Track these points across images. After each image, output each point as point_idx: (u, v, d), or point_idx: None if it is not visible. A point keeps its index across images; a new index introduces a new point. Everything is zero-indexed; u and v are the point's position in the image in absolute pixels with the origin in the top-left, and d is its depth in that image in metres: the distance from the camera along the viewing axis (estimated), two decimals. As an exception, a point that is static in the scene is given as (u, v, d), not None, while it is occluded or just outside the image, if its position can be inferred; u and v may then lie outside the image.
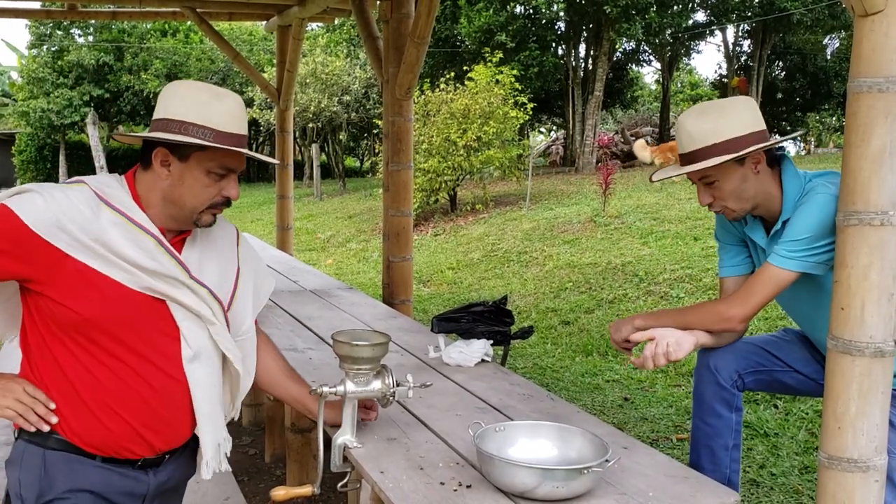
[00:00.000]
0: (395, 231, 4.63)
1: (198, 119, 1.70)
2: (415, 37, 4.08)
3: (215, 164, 1.73)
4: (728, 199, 2.16)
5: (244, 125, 1.77)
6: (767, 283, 2.11)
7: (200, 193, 1.74)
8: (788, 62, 24.02)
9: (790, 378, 2.42)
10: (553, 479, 1.70)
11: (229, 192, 1.78)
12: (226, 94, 1.77)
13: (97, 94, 24.93)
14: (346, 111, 20.80)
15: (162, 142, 1.70)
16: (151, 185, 1.74)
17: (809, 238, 2.02)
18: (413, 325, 3.64)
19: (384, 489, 1.81)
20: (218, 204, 1.78)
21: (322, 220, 15.77)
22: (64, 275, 1.62)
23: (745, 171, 2.12)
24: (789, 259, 2.05)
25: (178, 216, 1.76)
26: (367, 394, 2.01)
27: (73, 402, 1.69)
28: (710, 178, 2.14)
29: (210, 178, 1.74)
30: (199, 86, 1.77)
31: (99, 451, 1.72)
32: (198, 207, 1.75)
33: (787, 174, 2.17)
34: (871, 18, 1.66)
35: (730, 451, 2.37)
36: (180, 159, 1.72)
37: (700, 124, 2.12)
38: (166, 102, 1.74)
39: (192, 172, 1.72)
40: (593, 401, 4.65)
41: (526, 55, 18.63)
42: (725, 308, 2.19)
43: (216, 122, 1.71)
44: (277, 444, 3.85)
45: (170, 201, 1.74)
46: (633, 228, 9.57)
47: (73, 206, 1.62)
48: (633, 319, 2.37)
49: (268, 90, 6.62)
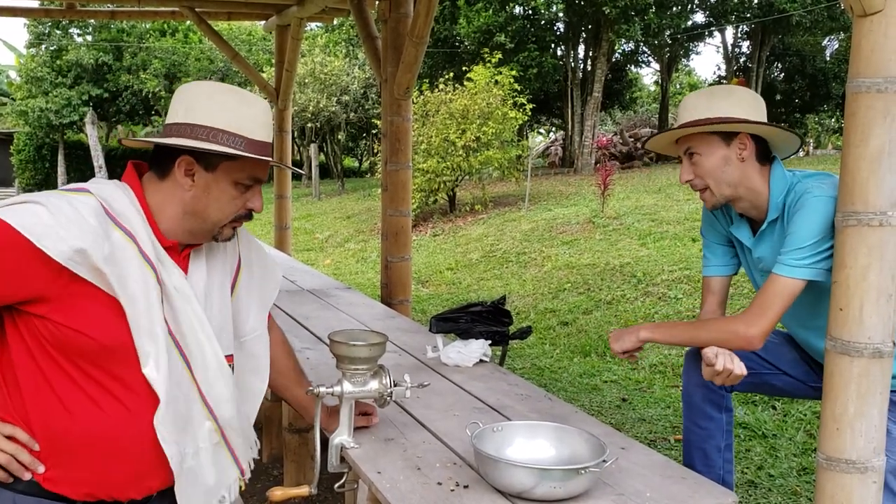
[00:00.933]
0: (393, 231, 4.62)
1: (228, 126, 1.58)
2: (413, 36, 4.08)
3: (245, 174, 1.62)
4: (708, 178, 2.14)
5: (271, 132, 1.68)
6: (780, 295, 2.04)
7: (227, 206, 1.63)
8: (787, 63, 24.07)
9: (778, 380, 2.41)
10: (550, 479, 1.70)
11: (254, 203, 1.67)
12: (254, 98, 1.66)
13: (96, 93, 24.93)
14: (344, 111, 20.81)
15: (185, 149, 1.58)
16: (169, 197, 1.61)
17: (814, 244, 1.98)
18: (411, 325, 3.64)
19: (381, 489, 1.80)
20: (241, 217, 1.68)
21: (320, 220, 15.76)
22: (72, 295, 1.47)
23: (730, 153, 2.12)
24: (798, 268, 2.01)
25: (197, 230, 1.64)
26: (365, 394, 2.00)
27: (62, 437, 1.51)
28: (694, 150, 2.15)
29: (237, 190, 1.63)
30: (225, 88, 1.65)
31: (81, 496, 1.55)
32: (222, 221, 1.64)
33: (775, 174, 2.16)
34: (870, 18, 1.66)
35: (722, 451, 2.36)
36: (206, 169, 1.59)
37: (701, 99, 2.16)
38: (189, 105, 1.60)
39: (219, 184, 1.61)
40: (591, 401, 4.65)
41: (525, 56, 18.66)
42: (745, 328, 2.08)
43: (247, 129, 1.60)
44: (275, 444, 3.84)
45: (192, 214, 1.61)
46: (631, 229, 9.57)
47: (84, 221, 1.46)
48: (637, 331, 2.28)
49: (266, 90, 6.62)
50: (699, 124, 2.11)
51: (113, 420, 1.53)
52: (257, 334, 1.87)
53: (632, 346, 2.28)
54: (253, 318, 1.86)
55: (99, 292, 1.49)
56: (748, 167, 2.14)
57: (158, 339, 1.55)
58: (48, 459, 1.53)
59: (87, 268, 1.46)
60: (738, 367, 2.06)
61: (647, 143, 2.34)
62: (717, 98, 2.14)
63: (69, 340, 1.48)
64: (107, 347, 1.50)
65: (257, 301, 1.88)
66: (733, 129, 2.11)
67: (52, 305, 1.47)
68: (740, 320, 2.11)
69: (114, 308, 1.51)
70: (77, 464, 1.53)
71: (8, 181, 28.83)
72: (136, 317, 1.52)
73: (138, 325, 1.52)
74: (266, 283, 1.92)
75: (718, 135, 2.12)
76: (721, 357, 2.06)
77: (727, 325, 2.15)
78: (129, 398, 1.55)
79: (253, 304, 1.87)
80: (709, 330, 2.17)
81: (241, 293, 1.83)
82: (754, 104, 2.15)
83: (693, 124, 2.12)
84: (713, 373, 2.08)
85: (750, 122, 2.10)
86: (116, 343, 1.51)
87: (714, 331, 2.15)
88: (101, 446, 1.53)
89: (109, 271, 1.48)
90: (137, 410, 1.55)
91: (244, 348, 1.85)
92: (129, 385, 1.54)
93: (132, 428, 1.55)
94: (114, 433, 1.54)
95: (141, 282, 1.53)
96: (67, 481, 1.54)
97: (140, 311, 1.52)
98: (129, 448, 1.55)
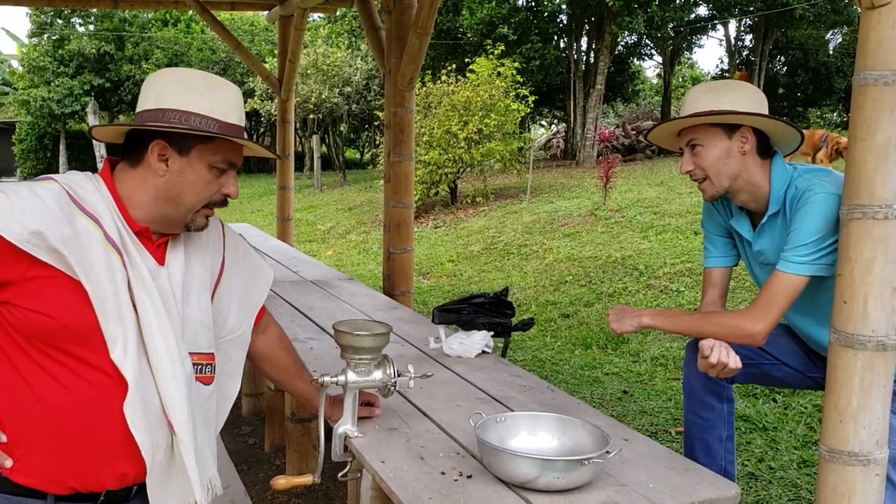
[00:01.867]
0: (395, 222, 4.62)
1: (199, 109, 1.57)
2: (417, 27, 4.07)
3: (219, 157, 1.61)
4: (708, 169, 2.17)
5: (244, 116, 1.67)
6: (784, 292, 2.06)
7: (202, 190, 1.61)
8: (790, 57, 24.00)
9: (778, 371, 2.42)
10: (554, 469, 1.71)
11: (229, 189, 1.65)
12: (224, 83, 1.65)
13: (98, 83, 24.90)
14: (346, 102, 20.77)
15: (158, 132, 1.57)
16: (140, 183, 1.59)
17: (817, 240, 2.01)
18: (413, 316, 3.64)
19: (385, 478, 1.81)
20: (215, 203, 1.66)
21: (322, 212, 15.76)
22: (34, 279, 1.45)
23: (732, 146, 2.15)
24: (801, 265, 2.03)
25: (171, 216, 1.62)
26: (369, 383, 2.00)
27: (33, 427, 1.49)
28: (696, 142, 2.17)
29: (212, 174, 1.61)
30: (196, 73, 1.64)
31: (51, 489, 1.51)
32: (195, 205, 1.62)
33: (775, 168, 2.18)
34: (877, 11, 1.65)
35: (724, 442, 2.37)
36: (180, 152, 1.58)
37: (706, 92, 2.19)
38: (160, 91, 1.60)
39: (193, 167, 1.59)
40: (592, 393, 4.66)
41: (528, 48, 18.62)
42: (750, 324, 2.09)
43: (219, 112, 1.59)
44: (277, 433, 3.85)
45: (165, 199, 1.59)
46: (633, 222, 9.57)
47: (43, 205, 1.45)
48: (640, 316, 2.30)
49: (269, 80, 6.61)
50: (703, 115, 2.13)
51: (81, 402, 1.50)
52: (236, 335, 1.83)
53: (632, 331, 2.31)
54: (232, 320, 1.82)
55: (62, 275, 1.47)
56: (749, 160, 2.16)
57: (126, 323, 1.53)
58: (16, 450, 1.50)
59: (46, 250, 1.44)
60: (732, 361, 2.08)
61: (649, 135, 2.36)
62: (722, 92, 2.17)
63: (34, 324, 1.46)
64: (71, 329, 1.48)
65: (238, 303, 1.84)
66: (737, 122, 2.13)
67: (15, 290, 1.46)
68: (745, 316, 2.12)
69: (78, 292, 1.48)
70: (46, 449, 1.50)
71: (10, 171, 28.82)
72: (102, 300, 1.50)
73: (104, 309, 1.50)
74: (251, 287, 1.88)
75: (721, 127, 2.14)
76: (716, 350, 2.08)
77: (731, 319, 2.16)
78: (99, 382, 1.51)
79: (233, 306, 1.82)
80: (713, 323, 2.18)
81: (223, 294, 1.79)
82: (757, 99, 2.17)
83: (698, 115, 2.14)
84: (707, 365, 2.10)
85: (754, 114, 2.11)
86: (82, 325, 1.49)
87: (718, 324, 2.16)
88: (69, 428, 1.50)
89: (69, 253, 1.46)
90: (107, 395, 1.52)
91: (221, 349, 1.80)
92: (98, 369, 1.51)
93: (102, 411, 1.52)
94: (83, 415, 1.51)
95: (106, 266, 1.51)
96: (37, 471, 1.51)
97: (106, 295, 1.50)
98: (98, 431, 1.52)
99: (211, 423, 1.74)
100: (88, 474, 1.54)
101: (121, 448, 1.55)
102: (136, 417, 1.53)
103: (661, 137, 2.34)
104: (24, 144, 26.86)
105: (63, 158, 25.81)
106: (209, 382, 1.73)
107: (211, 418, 1.74)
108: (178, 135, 1.58)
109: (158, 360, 1.57)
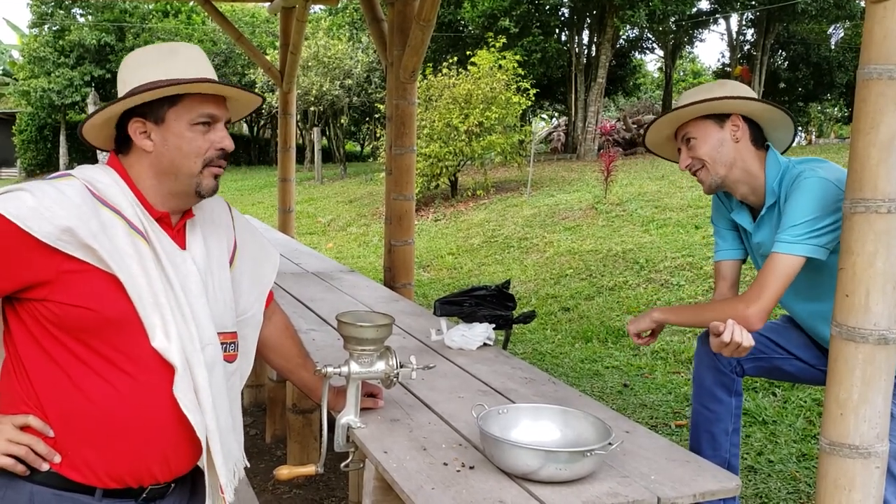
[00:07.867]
0: (397, 215, 4.63)
1: (157, 75, 1.56)
2: (420, 20, 4.06)
3: (195, 113, 1.58)
4: (705, 158, 2.22)
5: (211, 69, 1.63)
6: (777, 272, 2.09)
7: (191, 150, 1.58)
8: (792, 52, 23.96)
9: (789, 365, 2.43)
10: (556, 461, 1.71)
11: (222, 142, 1.62)
12: (180, 45, 1.63)
13: (98, 74, 24.88)
14: (347, 95, 20.75)
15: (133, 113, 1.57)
16: (140, 167, 1.60)
17: (809, 221, 2.05)
18: (415, 309, 3.65)
19: (388, 469, 1.82)
20: (213, 159, 1.61)
21: (323, 204, 15.76)
22: (67, 273, 1.46)
23: (724, 134, 2.21)
24: (794, 244, 2.06)
25: (177, 189, 1.61)
26: (371, 374, 2.01)
27: (79, 421, 1.50)
28: (689, 135, 2.23)
29: (194, 132, 1.58)
30: (150, 48, 1.64)
31: (101, 483, 1.52)
32: (193, 168, 1.59)
33: (769, 159, 2.23)
34: (883, 5, 1.65)
35: (730, 435, 2.39)
36: (156, 122, 1.57)
37: (694, 92, 2.26)
38: (124, 77, 1.61)
39: (172, 131, 1.57)
40: (592, 387, 4.67)
41: (529, 41, 18.60)
42: (744, 307, 2.12)
43: (178, 71, 1.57)
44: (278, 424, 3.86)
45: (163, 173, 1.59)
46: (634, 216, 9.57)
47: (69, 200, 1.46)
48: (650, 313, 2.38)
49: (271, 72, 6.60)
50: (690, 105, 2.20)
51: (124, 395, 1.51)
52: (248, 315, 1.84)
53: (646, 327, 2.38)
54: (244, 300, 1.82)
55: (94, 269, 1.48)
56: (743, 148, 2.22)
57: (164, 308, 1.53)
58: (64, 444, 1.50)
59: (77, 245, 1.45)
60: (746, 340, 2.06)
61: (646, 141, 2.42)
62: (708, 88, 2.26)
63: (73, 317, 1.47)
64: (111, 320, 1.49)
65: (249, 283, 1.84)
66: (724, 109, 2.19)
67: (51, 287, 1.46)
68: (740, 300, 2.18)
69: (113, 283, 1.49)
70: (95, 443, 1.51)
71: (10, 161, 28.82)
72: (137, 290, 1.50)
73: (141, 298, 1.51)
74: (261, 266, 1.89)
75: (711, 118, 2.21)
76: (729, 328, 2.06)
77: (728, 305, 2.21)
78: (141, 373, 1.52)
79: (245, 285, 1.83)
80: (713, 311, 2.23)
81: (237, 273, 1.80)
82: (745, 91, 2.24)
83: (684, 106, 2.21)
84: (721, 343, 2.08)
85: (740, 97, 2.18)
86: (120, 315, 1.49)
87: (717, 311, 2.20)
88: (115, 423, 1.51)
89: (100, 246, 1.46)
90: (151, 385, 1.53)
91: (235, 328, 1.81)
92: (139, 360, 1.52)
93: (148, 402, 1.53)
94: (129, 407, 1.51)
95: (135, 256, 1.52)
96: (87, 466, 1.51)
97: (141, 284, 1.51)
98: (146, 421, 1.53)
99: (235, 401, 1.76)
100: (139, 466, 1.55)
101: (170, 435, 1.57)
102: (187, 399, 1.55)
103: (657, 143, 2.41)
104: (24, 135, 26.84)
105: (63, 149, 25.80)
106: (233, 360, 1.75)
107: (235, 397, 1.76)
108: (151, 108, 1.57)
109: (193, 344, 1.58)
